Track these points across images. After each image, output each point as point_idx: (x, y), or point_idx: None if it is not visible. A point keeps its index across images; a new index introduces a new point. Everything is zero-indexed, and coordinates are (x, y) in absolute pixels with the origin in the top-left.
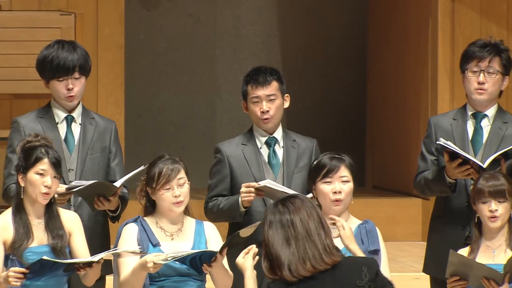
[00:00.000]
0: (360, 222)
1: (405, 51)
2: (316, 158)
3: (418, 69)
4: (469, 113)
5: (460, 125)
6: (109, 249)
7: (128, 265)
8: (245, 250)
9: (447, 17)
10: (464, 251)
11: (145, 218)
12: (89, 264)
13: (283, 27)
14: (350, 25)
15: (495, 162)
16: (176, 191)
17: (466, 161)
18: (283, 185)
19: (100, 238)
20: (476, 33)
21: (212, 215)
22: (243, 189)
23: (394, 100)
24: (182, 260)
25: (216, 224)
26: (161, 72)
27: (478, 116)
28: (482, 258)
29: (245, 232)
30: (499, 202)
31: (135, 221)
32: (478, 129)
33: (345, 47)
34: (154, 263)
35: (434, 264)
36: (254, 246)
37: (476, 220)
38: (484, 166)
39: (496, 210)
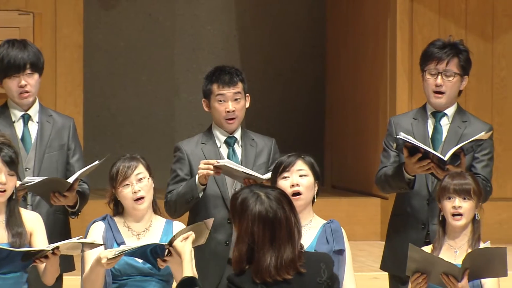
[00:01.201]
0: (325, 221)
1: (363, 51)
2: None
3: (377, 69)
4: (429, 112)
5: (420, 124)
6: None
7: (90, 261)
8: (184, 235)
9: (406, 17)
10: (426, 249)
11: (114, 217)
12: (46, 256)
13: (242, 26)
14: (309, 24)
15: (455, 156)
16: (135, 186)
17: (426, 155)
18: (240, 184)
19: (60, 236)
20: (435, 33)
21: (172, 205)
22: (201, 165)
23: (353, 99)
24: (141, 256)
25: None
26: (120, 71)
27: (437, 115)
28: (444, 256)
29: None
30: (464, 199)
31: (103, 219)
32: (437, 128)
33: (304, 47)
34: (108, 259)
35: (393, 261)
36: (192, 232)
37: (440, 219)
38: (445, 158)
39: (460, 207)
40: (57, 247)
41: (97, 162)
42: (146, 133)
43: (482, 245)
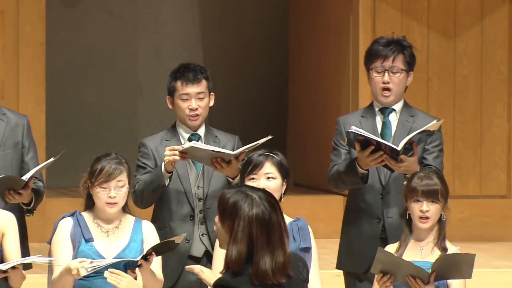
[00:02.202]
0: (291, 219)
1: (326, 48)
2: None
3: (340, 67)
4: (376, 109)
5: (369, 121)
6: (26, 243)
7: (60, 263)
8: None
9: (368, 14)
10: (392, 247)
11: (83, 213)
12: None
13: (205, 24)
14: (272, 22)
15: (406, 149)
16: (112, 192)
17: (378, 146)
18: (203, 181)
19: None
20: (397, 31)
21: (139, 194)
22: (166, 151)
23: (316, 97)
24: (111, 267)
25: None
26: (82, 69)
27: (385, 111)
28: (410, 254)
29: (177, 240)
30: (431, 202)
31: (71, 215)
32: (386, 123)
33: (267, 45)
34: (78, 270)
35: (349, 258)
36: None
37: (407, 217)
38: (399, 148)
39: (427, 211)
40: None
41: (52, 159)
42: (109, 130)
43: (451, 250)
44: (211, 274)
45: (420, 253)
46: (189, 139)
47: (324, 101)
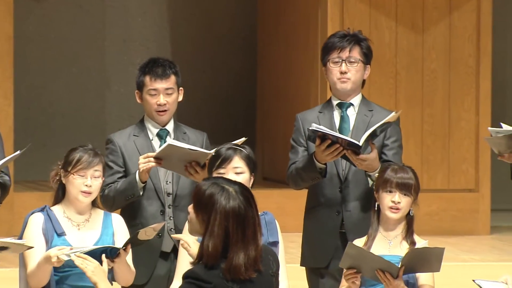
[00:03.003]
0: (259, 213)
1: (295, 42)
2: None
3: (308, 60)
4: (335, 103)
5: (326, 116)
6: None
7: (34, 257)
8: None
9: (337, 9)
10: (360, 241)
11: (52, 207)
12: None
13: (173, 18)
14: (240, 16)
15: (364, 146)
16: (89, 181)
17: (335, 141)
18: (172, 176)
19: None
20: (366, 25)
21: (109, 200)
22: (141, 160)
23: (284, 91)
24: (89, 254)
25: None
26: (50, 63)
27: (343, 105)
28: (378, 247)
29: (145, 235)
30: (404, 195)
31: (41, 210)
32: (344, 117)
33: (235, 38)
34: (58, 258)
35: (310, 254)
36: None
37: (376, 208)
38: (360, 143)
39: (399, 202)
40: None
41: (18, 152)
42: (77, 125)
43: (420, 244)
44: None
45: (388, 246)
46: (158, 135)
47: (293, 94)
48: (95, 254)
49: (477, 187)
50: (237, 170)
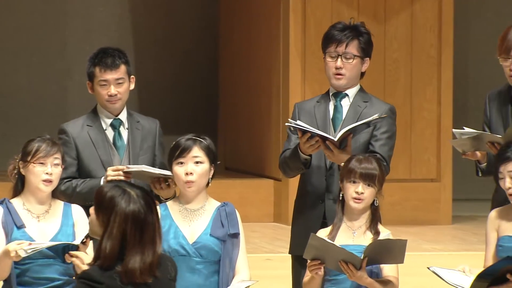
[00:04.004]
0: (219, 204)
1: (257, 32)
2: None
3: (270, 51)
4: (331, 93)
5: (322, 106)
6: None
7: None
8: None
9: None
10: (324, 231)
11: (12, 200)
12: None
13: (135, 8)
14: (202, 5)
15: (345, 139)
16: (49, 168)
17: (314, 135)
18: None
19: None
20: (327, 16)
21: (66, 197)
22: (110, 172)
23: (247, 81)
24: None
25: None
26: (11, 53)
27: (338, 95)
28: (342, 237)
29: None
30: (367, 186)
31: (0, 203)
32: (338, 107)
33: (197, 28)
34: (17, 252)
35: (297, 243)
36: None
37: (340, 198)
38: (336, 139)
39: (362, 193)
40: None
41: None
42: (38, 115)
43: (383, 235)
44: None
45: (352, 236)
46: (111, 125)
47: (255, 85)
48: (56, 249)
49: (439, 177)
50: (197, 159)
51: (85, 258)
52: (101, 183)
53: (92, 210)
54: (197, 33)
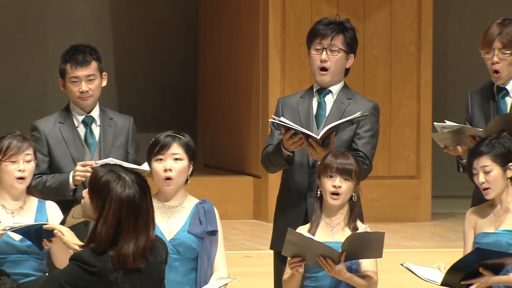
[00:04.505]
0: (197, 201)
1: (237, 29)
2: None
3: (250, 47)
4: (315, 89)
5: (305, 102)
6: None
7: None
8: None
9: None
10: (304, 228)
11: None
12: None
13: (115, 5)
14: (182, 2)
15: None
16: (22, 165)
17: (297, 132)
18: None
19: None
20: (307, 12)
21: (38, 191)
22: (79, 167)
23: (226, 78)
24: (24, 233)
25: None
26: None
27: (322, 92)
28: (321, 234)
29: (77, 214)
30: (345, 180)
31: None
32: (321, 104)
33: (177, 25)
34: None
35: (280, 239)
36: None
37: (318, 195)
38: (318, 137)
39: (340, 186)
40: None
41: None
42: (18, 111)
43: (361, 229)
44: (73, 237)
45: (331, 233)
46: (83, 122)
47: (234, 81)
48: (30, 231)
49: (418, 174)
50: (176, 156)
51: (65, 233)
52: (70, 178)
53: (85, 193)
54: (177, 30)
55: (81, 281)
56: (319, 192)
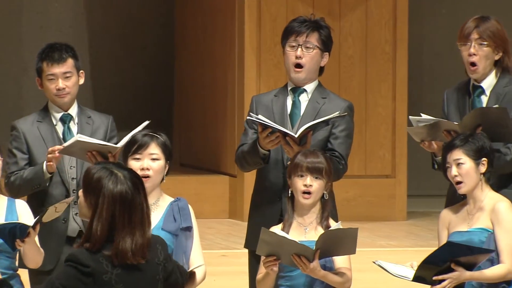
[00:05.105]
0: (172, 199)
1: (213, 29)
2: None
3: (225, 47)
4: (289, 88)
5: (280, 101)
6: None
7: None
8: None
9: None
10: (277, 228)
11: None
12: None
13: (90, 4)
14: (158, 2)
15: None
16: None
17: (274, 130)
18: (76, 162)
19: None
20: (283, 11)
21: (15, 188)
22: (47, 155)
23: (202, 77)
24: None
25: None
26: None
27: (297, 91)
28: (294, 234)
29: (54, 212)
30: (315, 178)
31: None
32: (296, 103)
33: (153, 25)
34: None
35: (254, 238)
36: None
37: (289, 195)
38: (296, 135)
39: (311, 185)
40: None
41: None
42: None
43: (334, 226)
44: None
45: (304, 232)
46: (61, 119)
47: (210, 81)
48: (3, 231)
49: (394, 173)
50: (153, 157)
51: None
52: (44, 166)
53: (80, 192)
54: (153, 30)
55: (76, 283)
56: (290, 192)
